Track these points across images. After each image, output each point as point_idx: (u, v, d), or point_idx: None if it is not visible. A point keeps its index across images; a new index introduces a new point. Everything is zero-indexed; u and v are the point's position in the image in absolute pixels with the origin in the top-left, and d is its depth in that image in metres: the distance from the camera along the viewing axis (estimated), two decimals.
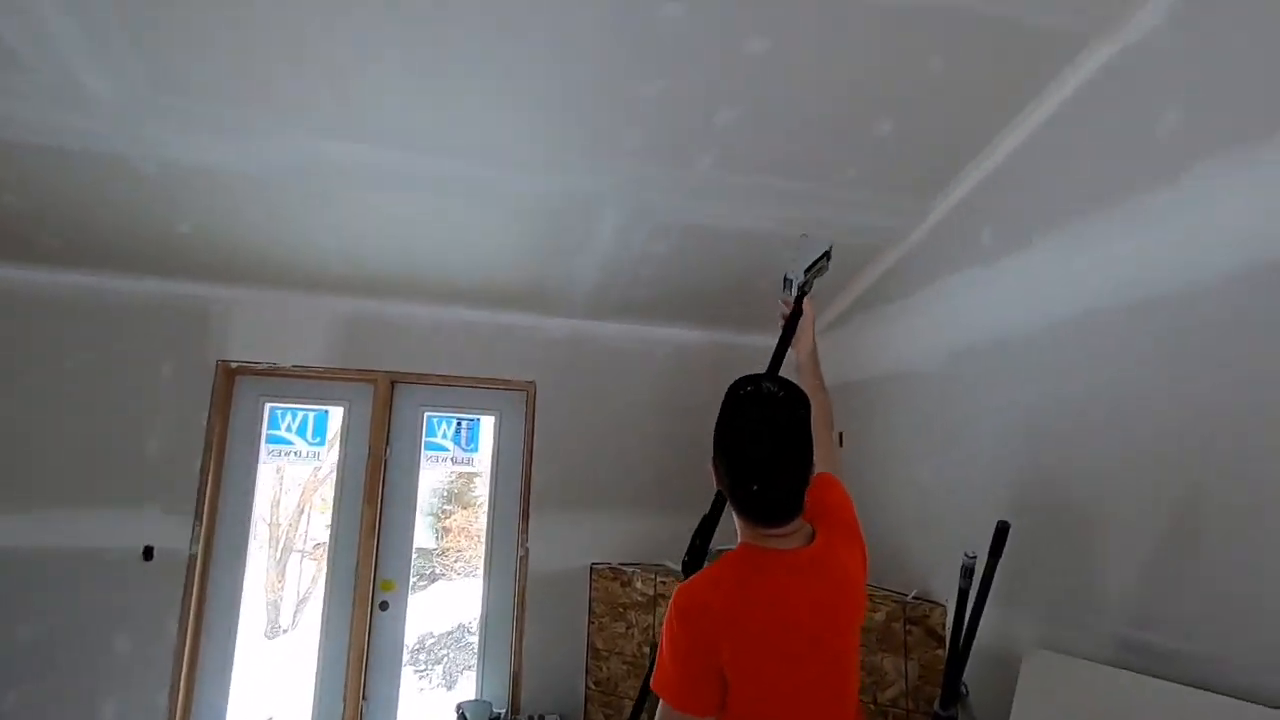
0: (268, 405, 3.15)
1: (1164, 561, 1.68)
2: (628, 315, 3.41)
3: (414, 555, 3.28)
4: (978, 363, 2.37)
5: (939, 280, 2.60)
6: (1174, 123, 1.73)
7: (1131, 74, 1.85)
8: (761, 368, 3.48)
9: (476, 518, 7.57)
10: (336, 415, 3.24)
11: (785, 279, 1.84)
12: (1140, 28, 1.80)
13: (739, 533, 1.21)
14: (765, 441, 1.12)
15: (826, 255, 1.82)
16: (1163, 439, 1.71)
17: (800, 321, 1.75)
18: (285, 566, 8.62)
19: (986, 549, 1.87)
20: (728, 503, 1.22)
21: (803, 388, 1.45)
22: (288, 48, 1.86)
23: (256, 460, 3.10)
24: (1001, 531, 1.84)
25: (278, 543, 8.62)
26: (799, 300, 1.78)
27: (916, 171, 2.39)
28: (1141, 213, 1.81)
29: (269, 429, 3.14)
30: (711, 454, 1.19)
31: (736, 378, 1.23)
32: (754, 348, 3.61)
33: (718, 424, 1.18)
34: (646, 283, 3.09)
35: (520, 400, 3.43)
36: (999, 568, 1.86)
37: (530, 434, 3.38)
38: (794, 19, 1.81)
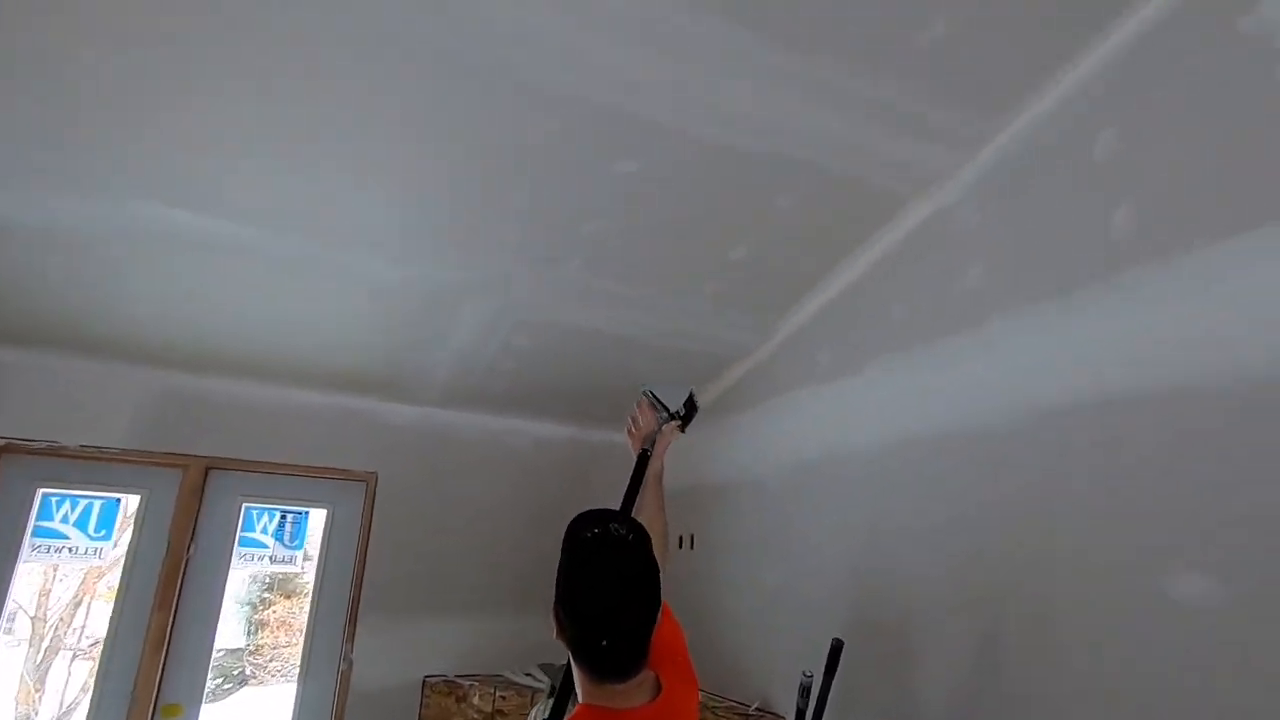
0: (40, 491, 2.66)
1: (974, 678, 1.80)
2: (483, 406, 3.31)
3: (216, 658, 2.84)
4: (816, 477, 2.51)
5: (782, 395, 2.76)
6: (977, 278, 1.99)
7: (943, 233, 2.12)
8: (618, 465, 3.48)
9: (302, 609, 6.75)
10: (131, 505, 2.81)
11: (661, 403, 1.81)
12: (949, 195, 2.09)
13: (578, 688, 1.14)
14: (615, 592, 1.08)
15: (669, 411, 1.81)
16: (969, 560, 1.87)
17: (657, 445, 1.74)
18: (48, 671, 7.17)
19: (823, 664, 1.91)
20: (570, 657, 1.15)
21: (643, 505, 1.43)
22: (126, 107, 1.69)
23: (16, 558, 2.58)
24: (836, 649, 1.90)
25: (41, 641, 7.19)
26: (645, 457, 1.76)
27: (766, 294, 2.57)
28: (948, 354, 2.04)
29: (38, 520, 2.64)
30: (554, 599, 1.13)
31: (579, 513, 1.19)
32: (611, 444, 3.62)
33: (561, 569, 1.13)
34: (506, 375, 3.02)
35: (358, 492, 3.16)
36: (834, 683, 1.91)
37: (367, 530, 3.11)
38: (660, 149, 1.92)
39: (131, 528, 2.78)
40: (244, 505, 2.96)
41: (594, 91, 1.74)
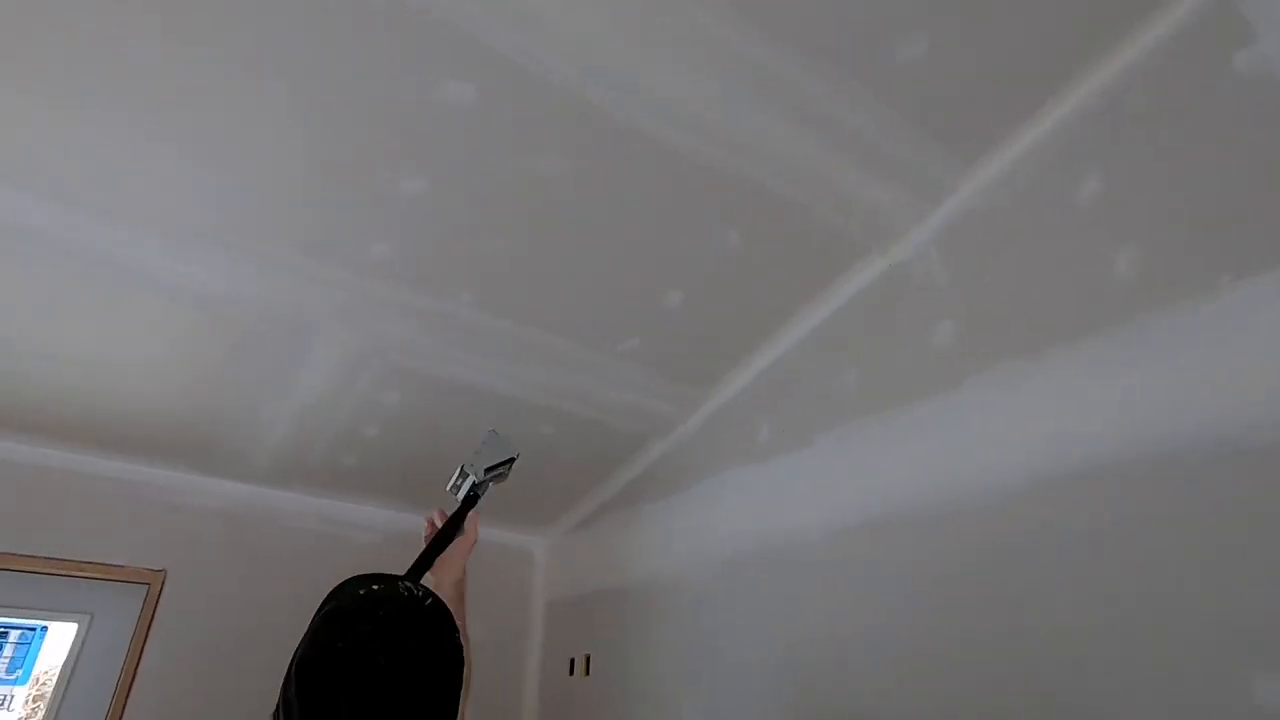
0: None
1: None
2: (328, 486, 2.59)
3: None
4: (751, 576, 2.06)
5: (710, 478, 2.33)
6: (948, 336, 1.74)
7: (906, 286, 1.88)
8: (499, 567, 2.84)
9: None
10: None
11: (461, 471, 1.45)
12: (914, 243, 1.87)
13: None
14: (352, 691, 0.71)
15: (510, 462, 1.48)
16: (944, 657, 1.51)
17: (458, 541, 1.29)
18: None
19: None
20: None
21: None
22: None
23: None
24: None
25: None
26: (466, 505, 1.36)
27: (701, 351, 2.20)
28: (921, 421, 1.74)
29: None
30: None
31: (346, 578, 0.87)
32: (515, 550, 3.01)
33: (295, 651, 0.78)
34: (362, 444, 2.38)
35: (134, 599, 2.28)
36: None
37: (139, 651, 2.22)
38: (600, 142, 1.54)
39: None
40: None
41: (531, 53, 1.36)
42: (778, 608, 1.94)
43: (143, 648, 2.22)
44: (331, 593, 0.84)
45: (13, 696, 2.09)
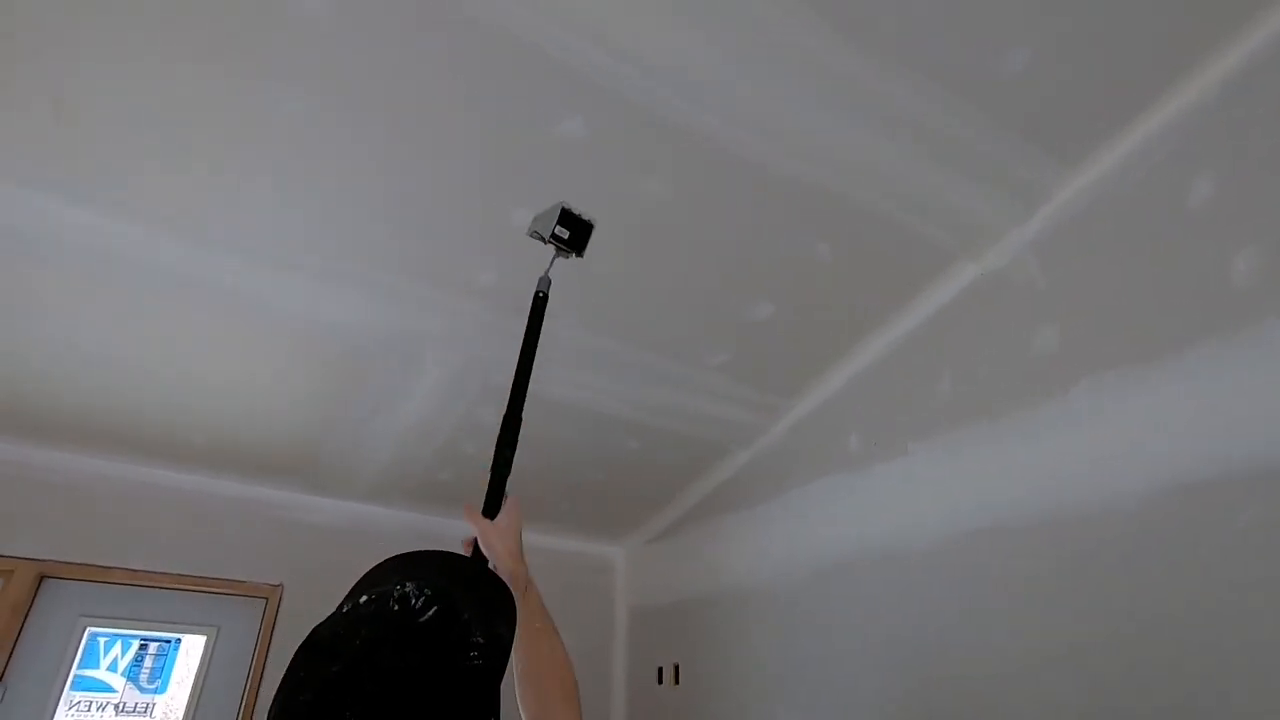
0: None
1: None
2: (428, 502, 2.71)
3: None
4: (847, 582, 2.07)
5: (798, 488, 2.35)
6: (1050, 341, 1.73)
7: (1002, 293, 1.87)
8: (597, 590, 2.87)
9: None
10: None
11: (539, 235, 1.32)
12: (1011, 249, 1.86)
13: None
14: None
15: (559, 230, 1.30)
16: (1060, 670, 1.49)
17: (497, 524, 0.99)
18: None
19: None
20: None
21: (534, 653, 0.95)
22: None
23: None
24: None
25: None
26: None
27: (789, 362, 2.22)
28: (1025, 428, 1.72)
29: None
30: None
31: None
32: (596, 558, 3.07)
33: None
34: (462, 461, 2.48)
35: (255, 611, 2.43)
36: None
37: (263, 661, 2.37)
38: (695, 162, 1.59)
39: None
40: (87, 628, 2.18)
41: (636, 84, 1.42)
42: (879, 614, 1.94)
43: (265, 656, 2.36)
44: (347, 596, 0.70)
45: (154, 705, 2.23)
